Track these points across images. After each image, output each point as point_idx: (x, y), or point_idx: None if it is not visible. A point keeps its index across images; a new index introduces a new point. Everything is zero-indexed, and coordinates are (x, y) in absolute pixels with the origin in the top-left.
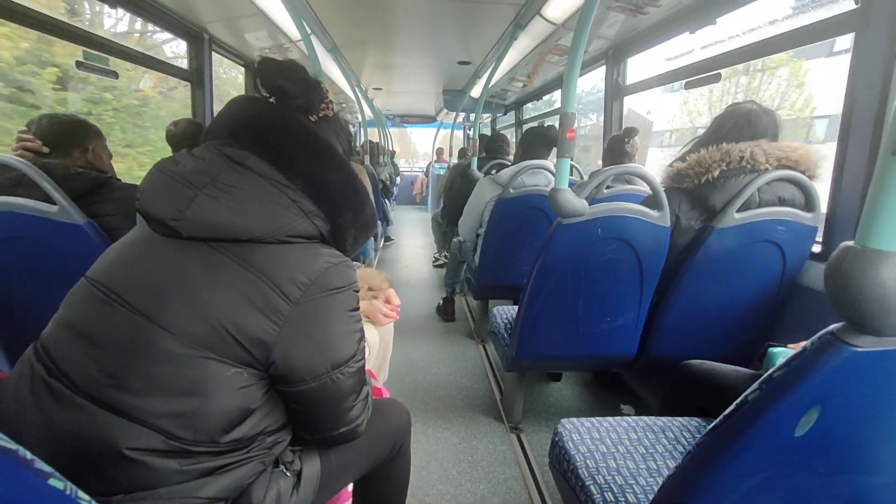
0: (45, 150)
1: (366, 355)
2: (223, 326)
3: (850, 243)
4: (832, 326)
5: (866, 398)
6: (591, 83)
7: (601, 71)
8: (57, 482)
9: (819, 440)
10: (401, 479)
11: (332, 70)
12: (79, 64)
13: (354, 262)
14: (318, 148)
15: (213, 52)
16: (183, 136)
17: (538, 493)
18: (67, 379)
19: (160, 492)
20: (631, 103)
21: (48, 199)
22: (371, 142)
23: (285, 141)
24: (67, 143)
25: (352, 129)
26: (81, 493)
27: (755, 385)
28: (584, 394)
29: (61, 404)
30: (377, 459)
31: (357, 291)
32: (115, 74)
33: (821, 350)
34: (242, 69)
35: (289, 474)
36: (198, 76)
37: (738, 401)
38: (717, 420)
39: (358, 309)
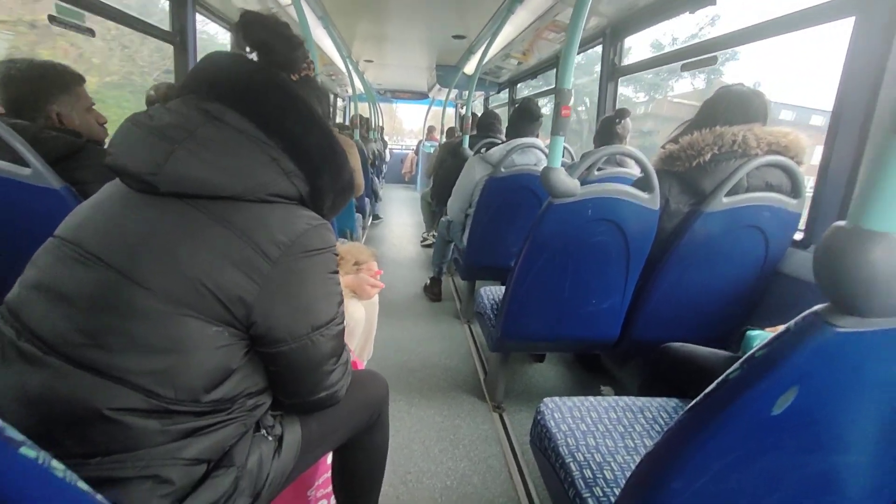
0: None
1: (350, 330)
2: (203, 284)
3: (842, 224)
4: (816, 307)
5: (844, 378)
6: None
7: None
8: (29, 451)
9: (795, 419)
10: (379, 448)
11: (322, 39)
12: (51, 18)
13: (340, 239)
14: (300, 107)
15: (198, 14)
16: (164, 102)
17: (518, 471)
18: (40, 340)
19: (140, 453)
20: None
21: (20, 161)
22: (361, 116)
23: (267, 98)
24: (30, 107)
25: (341, 103)
26: (55, 463)
27: (737, 364)
28: (566, 375)
29: (35, 366)
30: (356, 428)
31: (336, 255)
32: (91, 32)
33: (804, 330)
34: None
35: (270, 438)
36: (181, 38)
37: (720, 379)
38: (698, 398)
39: (337, 272)
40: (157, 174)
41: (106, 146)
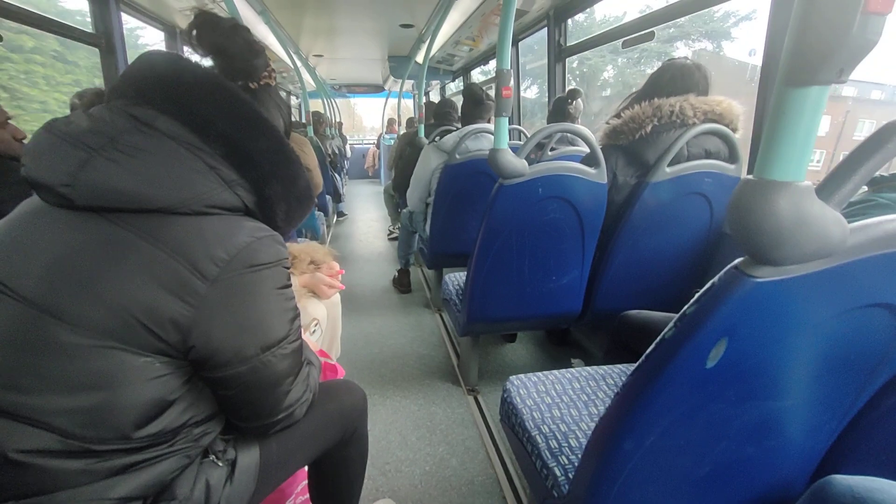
0: None
1: (311, 333)
2: (128, 312)
3: (750, 177)
4: (736, 261)
5: (768, 326)
6: None
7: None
8: None
9: (728, 370)
10: (356, 462)
11: (265, 36)
12: None
13: (298, 239)
14: (242, 110)
15: (123, 13)
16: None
17: (495, 449)
18: None
19: (60, 496)
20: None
21: None
22: (316, 112)
23: (202, 100)
24: None
25: (294, 100)
26: None
27: (671, 323)
28: (538, 352)
29: None
30: (327, 444)
31: (288, 268)
32: None
33: (726, 284)
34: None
35: (221, 464)
36: (106, 40)
37: (657, 339)
38: (640, 360)
39: (289, 286)
40: (71, 185)
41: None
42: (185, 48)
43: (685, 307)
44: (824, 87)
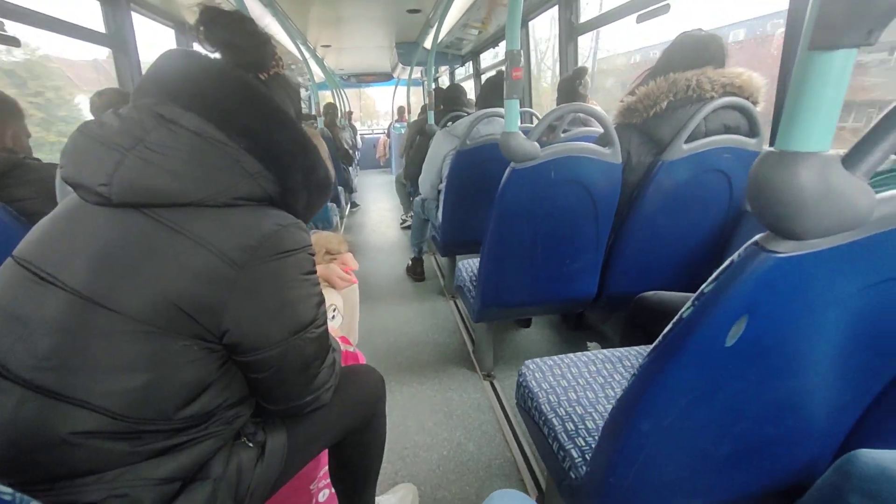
0: None
1: (332, 319)
2: (166, 298)
3: (771, 149)
4: (757, 236)
5: (790, 303)
6: None
7: None
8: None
9: (748, 348)
10: (375, 445)
11: (273, 28)
12: None
13: (313, 230)
14: (263, 104)
15: (134, 13)
16: (108, 108)
17: (511, 433)
18: (0, 366)
19: (108, 475)
20: None
21: None
22: (329, 104)
23: (225, 96)
24: None
25: (304, 93)
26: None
27: (689, 302)
28: (553, 336)
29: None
30: (348, 428)
31: (312, 255)
32: (15, 41)
33: (746, 259)
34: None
35: (251, 445)
36: (120, 40)
37: (675, 319)
38: (657, 340)
39: (314, 272)
40: (108, 185)
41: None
42: (195, 44)
43: (703, 285)
44: (851, 50)
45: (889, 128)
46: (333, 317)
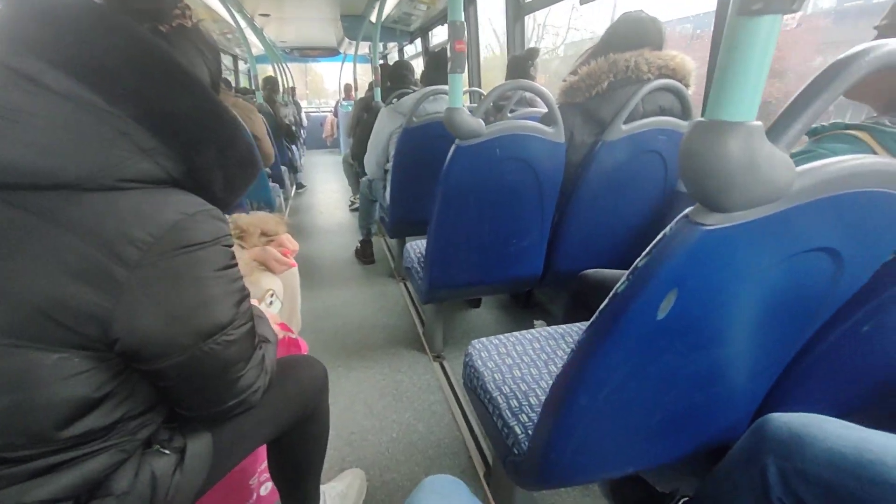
0: None
1: (269, 305)
2: (31, 305)
3: (702, 118)
4: (687, 209)
5: (715, 275)
6: None
7: None
8: None
9: (678, 321)
10: (316, 438)
11: None
12: None
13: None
14: (158, 62)
15: None
16: None
17: (461, 412)
18: None
19: None
20: None
21: None
22: (269, 78)
23: (104, 50)
24: None
25: (244, 66)
26: None
27: (624, 277)
28: (502, 315)
29: None
30: (286, 423)
31: (230, 245)
32: None
33: (676, 234)
34: None
35: (167, 452)
36: None
37: (611, 294)
38: (594, 316)
39: (233, 266)
40: None
41: None
42: None
43: (637, 260)
44: (777, 16)
45: (809, 100)
46: (271, 303)
